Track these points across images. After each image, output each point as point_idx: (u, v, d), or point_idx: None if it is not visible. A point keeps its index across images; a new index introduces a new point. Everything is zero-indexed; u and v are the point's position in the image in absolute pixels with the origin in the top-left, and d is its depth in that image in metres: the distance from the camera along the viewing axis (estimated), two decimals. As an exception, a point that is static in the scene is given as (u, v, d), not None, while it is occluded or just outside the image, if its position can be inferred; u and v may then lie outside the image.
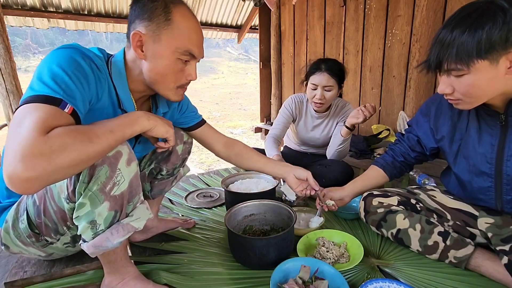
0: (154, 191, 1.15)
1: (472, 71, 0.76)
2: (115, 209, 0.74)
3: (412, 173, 1.86)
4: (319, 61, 1.58)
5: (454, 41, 0.75)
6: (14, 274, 0.99)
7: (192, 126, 1.12)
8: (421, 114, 1.13)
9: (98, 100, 0.77)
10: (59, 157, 0.56)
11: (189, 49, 0.81)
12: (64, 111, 0.63)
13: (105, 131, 0.65)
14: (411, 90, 2.51)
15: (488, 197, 0.96)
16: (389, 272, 0.99)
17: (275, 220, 1.18)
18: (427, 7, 2.31)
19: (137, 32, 0.77)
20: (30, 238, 0.85)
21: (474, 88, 0.79)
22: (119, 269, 0.85)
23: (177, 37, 0.78)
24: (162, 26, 0.77)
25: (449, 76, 0.82)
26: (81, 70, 0.70)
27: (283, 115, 1.75)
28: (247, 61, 19.44)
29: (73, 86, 0.66)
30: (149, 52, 0.78)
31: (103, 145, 0.64)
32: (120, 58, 0.82)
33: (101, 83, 0.77)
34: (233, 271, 1.00)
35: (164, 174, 1.13)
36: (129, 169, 0.75)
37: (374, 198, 1.13)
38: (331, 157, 1.68)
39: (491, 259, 0.94)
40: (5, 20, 2.71)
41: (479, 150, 0.94)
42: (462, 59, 0.75)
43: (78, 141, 0.59)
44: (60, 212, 0.79)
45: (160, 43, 0.78)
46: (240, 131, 6.16)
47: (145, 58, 0.79)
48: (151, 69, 0.80)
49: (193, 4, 4.36)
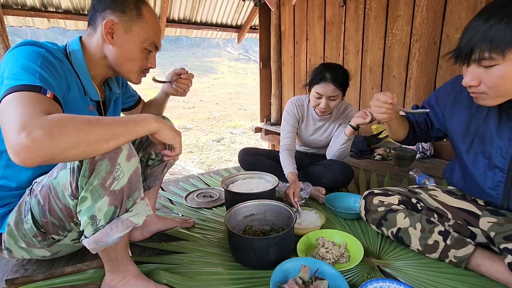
0: (148, 180, 1.15)
1: (506, 60, 0.73)
2: (114, 204, 0.75)
3: (412, 173, 1.86)
4: (323, 69, 1.51)
5: (491, 28, 0.72)
6: (15, 272, 0.99)
7: (132, 105, 1.24)
8: (435, 98, 1.10)
9: (69, 90, 0.82)
10: (58, 132, 0.58)
11: (154, 41, 0.94)
12: (47, 96, 0.67)
13: (108, 120, 0.67)
14: (411, 90, 2.52)
15: (496, 192, 0.95)
16: (389, 272, 0.99)
17: (275, 220, 1.18)
18: (427, 7, 2.31)
19: (110, 20, 0.86)
20: (36, 238, 0.86)
21: (504, 80, 0.75)
22: (120, 268, 0.85)
23: (146, 30, 0.91)
24: (134, 19, 0.89)
25: (478, 67, 0.78)
26: (49, 62, 0.75)
27: (288, 121, 1.70)
28: (247, 61, 19.44)
29: (46, 75, 0.71)
30: (119, 39, 0.89)
31: (104, 129, 0.65)
32: (78, 48, 0.90)
33: (67, 74, 0.83)
34: (233, 271, 1.00)
35: (154, 159, 1.12)
36: (129, 164, 0.75)
37: (375, 196, 1.13)
38: (331, 157, 1.68)
39: (491, 259, 0.94)
40: (5, 20, 2.71)
41: (496, 144, 0.93)
42: (498, 47, 0.72)
43: (77, 122, 0.61)
44: (66, 209, 0.79)
45: (131, 33, 0.90)
46: (240, 131, 6.15)
47: (114, 44, 0.89)
48: (119, 54, 0.90)
49: (193, 4, 4.37)
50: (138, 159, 0.80)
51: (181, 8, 4.53)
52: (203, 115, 8.21)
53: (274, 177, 1.42)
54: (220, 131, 6.35)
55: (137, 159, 0.79)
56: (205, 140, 5.52)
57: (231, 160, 4.36)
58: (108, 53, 0.90)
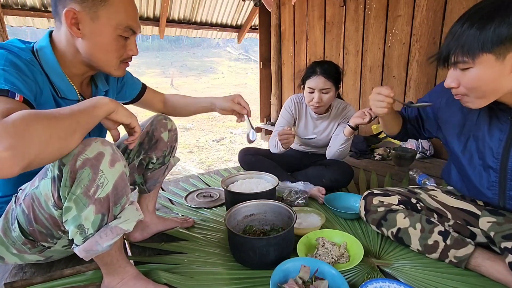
0: (148, 182, 1.14)
1: (477, 64, 0.76)
2: (101, 212, 0.72)
3: (412, 173, 1.86)
4: (314, 65, 1.60)
5: (464, 33, 0.76)
6: (13, 275, 0.99)
7: (135, 97, 1.14)
8: (429, 100, 1.12)
9: (41, 93, 0.75)
10: (27, 131, 0.54)
11: (129, 25, 0.81)
12: (15, 99, 0.62)
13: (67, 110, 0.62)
14: (411, 90, 2.52)
15: (492, 192, 0.96)
16: (389, 272, 0.99)
17: (275, 220, 1.18)
18: (427, 7, 2.31)
19: (70, 9, 0.74)
20: (25, 245, 0.83)
21: (478, 82, 0.78)
22: (116, 270, 0.85)
23: (116, 13, 0.78)
24: (98, 3, 0.76)
25: (456, 69, 0.82)
26: (12, 64, 0.69)
27: (284, 116, 1.76)
28: (247, 61, 19.43)
29: (13, 79, 0.66)
30: (86, 29, 0.77)
31: (68, 120, 0.61)
32: (46, 44, 0.80)
33: (37, 75, 0.75)
34: (233, 271, 1.00)
35: (155, 163, 1.11)
36: (113, 170, 0.72)
37: (375, 197, 1.13)
38: (331, 157, 1.68)
39: (491, 258, 0.94)
40: (5, 20, 2.71)
41: (487, 144, 0.94)
42: (468, 51, 0.76)
43: (41, 117, 0.57)
44: (52, 219, 0.77)
45: (98, 20, 0.77)
46: (240, 131, 6.15)
47: (82, 37, 0.78)
48: (91, 46, 0.79)
49: (193, 4, 4.37)
50: (124, 162, 0.76)
51: (181, 8, 4.53)
52: (203, 115, 8.16)
53: (274, 177, 1.42)
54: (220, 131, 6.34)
55: (122, 163, 0.75)
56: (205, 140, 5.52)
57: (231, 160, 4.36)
58: (79, 46, 0.79)
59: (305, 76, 1.62)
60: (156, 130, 1.08)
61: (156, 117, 1.10)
